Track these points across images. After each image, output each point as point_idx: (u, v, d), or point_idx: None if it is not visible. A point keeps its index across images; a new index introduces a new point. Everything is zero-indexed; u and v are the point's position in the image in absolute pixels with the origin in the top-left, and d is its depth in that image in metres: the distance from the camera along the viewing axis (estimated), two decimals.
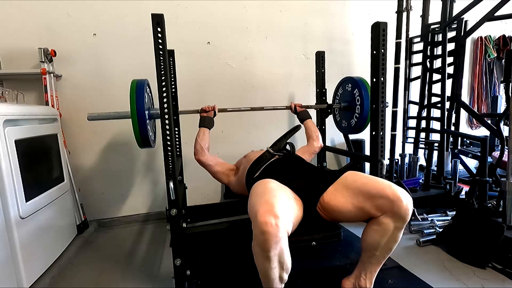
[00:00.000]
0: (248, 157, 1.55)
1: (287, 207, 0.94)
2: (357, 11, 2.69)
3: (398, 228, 0.99)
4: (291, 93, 2.59)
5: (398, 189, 0.97)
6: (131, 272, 1.60)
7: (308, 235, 1.18)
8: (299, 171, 1.23)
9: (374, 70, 1.39)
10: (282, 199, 0.94)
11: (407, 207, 0.95)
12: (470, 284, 1.34)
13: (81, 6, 2.06)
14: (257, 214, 0.85)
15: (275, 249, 0.84)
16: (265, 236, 0.82)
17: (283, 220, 0.85)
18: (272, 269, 0.88)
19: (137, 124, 1.33)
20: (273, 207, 0.86)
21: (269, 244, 0.83)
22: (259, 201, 0.92)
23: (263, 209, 0.85)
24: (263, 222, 0.82)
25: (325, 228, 1.27)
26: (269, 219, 0.82)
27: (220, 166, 1.61)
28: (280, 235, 0.83)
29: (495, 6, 1.86)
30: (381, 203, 0.96)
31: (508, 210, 1.55)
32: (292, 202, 1.03)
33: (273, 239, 0.82)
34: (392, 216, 0.96)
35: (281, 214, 0.85)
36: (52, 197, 1.68)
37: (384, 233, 0.99)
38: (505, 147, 1.78)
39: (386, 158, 2.21)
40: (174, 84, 1.88)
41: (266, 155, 1.37)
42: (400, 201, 0.94)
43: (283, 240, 0.86)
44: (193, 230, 1.35)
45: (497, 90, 3.28)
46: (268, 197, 0.92)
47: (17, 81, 1.98)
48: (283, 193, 1.00)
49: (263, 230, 0.82)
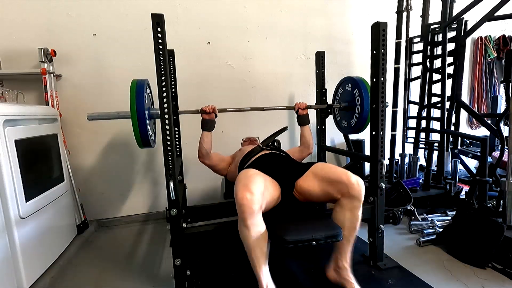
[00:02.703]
0: (242, 150, 1.77)
1: (261, 188, 1.14)
2: (357, 11, 2.69)
3: (356, 207, 1.21)
4: (291, 93, 2.59)
5: (352, 175, 1.20)
6: (131, 272, 1.60)
7: (308, 235, 1.18)
8: (280, 163, 1.45)
9: (374, 70, 1.39)
10: (257, 182, 1.14)
11: (359, 188, 1.18)
12: (470, 284, 1.34)
13: (81, 6, 2.06)
14: (237, 193, 1.08)
15: (251, 218, 1.07)
16: (242, 207, 1.05)
17: (257, 196, 1.07)
18: (251, 237, 1.08)
19: (137, 124, 1.32)
20: (249, 187, 1.08)
21: (246, 215, 1.06)
22: (239, 184, 1.13)
23: (241, 189, 1.09)
24: (240, 197, 1.06)
25: (325, 228, 1.27)
26: (245, 194, 1.06)
27: (223, 162, 1.77)
28: (254, 207, 1.05)
29: (495, 6, 1.86)
30: (340, 187, 1.20)
31: (508, 210, 1.55)
32: (268, 184, 1.24)
33: (248, 210, 1.05)
34: (348, 197, 1.19)
35: (255, 191, 1.07)
36: (52, 197, 1.68)
37: (346, 213, 1.21)
38: (505, 147, 1.78)
39: (386, 158, 2.21)
40: (174, 84, 1.87)
41: (256, 149, 1.60)
42: (353, 184, 1.17)
43: (258, 213, 1.09)
44: (193, 230, 1.35)
45: (497, 90, 3.28)
46: (246, 181, 1.14)
47: (17, 81, 1.98)
48: (260, 178, 1.20)
49: (240, 203, 1.05)
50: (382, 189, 1.44)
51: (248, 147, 1.72)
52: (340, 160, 2.84)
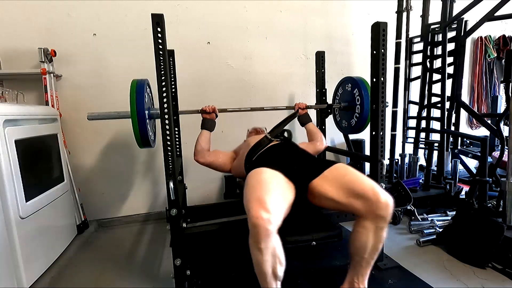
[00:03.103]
0: (247, 141, 1.60)
1: (278, 199, 0.99)
2: (357, 11, 2.69)
3: (382, 228, 1.03)
4: (291, 93, 2.59)
5: (380, 191, 1.01)
6: (131, 272, 1.59)
7: (308, 235, 1.18)
8: (293, 157, 1.28)
9: (374, 70, 1.39)
10: (274, 193, 0.99)
11: (388, 208, 1.00)
12: (470, 284, 1.34)
13: (81, 6, 2.06)
14: (251, 209, 0.92)
15: (266, 241, 0.90)
16: (257, 229, 0.89)
17: (274, 215, 0.91)
18: (265, 262, 0.93)
19: (137, 124, 1.33)
20: (264, 203, 0.92)
21: (260, 236, 0.89)
22: (252, 196, 0.97)
23: (255, 205, 0.92)
24: (255, 216, 0.89)
25: (325, 228, 1.27)
26: (261, 213, 0.89)
27: (221, 158, 1.65)
28: (271, 228, 0.89)
29: (495, 6, 1.86)
30: (363, 202, 1.02)
31: (508, 210, 1.55)
32: (284, 190, 1.09)
33: (264, 232, 0.88)
34: (374, 217, 1.01)
35: (272, 208, 0.91)
36: (52, 197, 1.68)
37: (369, 235, 1.03)
38: (505, 147, 1.78)
39: (386, 158, 2.21)
40: (174, 84, 1.88)
41: (264, 140, 1.45)
42: (381, 203, 0.99)
43: (273, 234, 0.92)
44: (193, 230, 1.35)
45: (497, 90, 3.28)
46: (260, 192, 0.98)
47: (17, 81, 1.98)
48: (276, 184, 1.06)
49: (255, 223, 0.89)
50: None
51: (254, 137, 1.57)
52: (340, 160, 2.84)
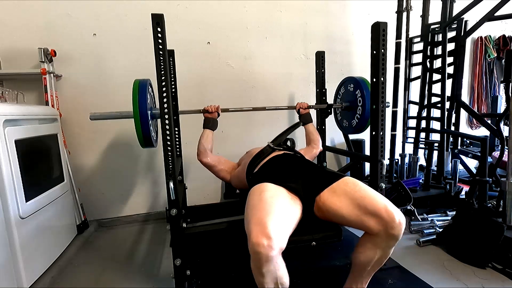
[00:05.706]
0: (249, 152, 1.59)
1: (282, 220, 0.95)
2: (357, 11, 2.69)
3: (391, 246, 1.03)
4: (291, 93, 2.59)
5: (393, 210, 1.00)
6: (131, 272, 1.60)
7: (308, 235, 1.18)
8: (298, 169, 1.23)
9: (374, 70, 1.39)
10: (276, 213, 0.94)
11: (400, 228, 0.98)
12: (470, 284, 1.34)
13: (81, 6, 2.06)
14: (251, 235, 0.87)
15: (267, 266, 0.87)
16: (258, 255, 0.85)
17: (276, 240, 0.86)
18: (267, 284, 0.90)
19: (140, 124, 1.33)
20: (265, 228, 0.87)
21: (261, 262, 0.86)
22: (253, 218, 0.93)
23: (256, 230, 0.88)
24: (255, 243, 0.85)
25: (325, 228, 1.27)
26: (261, 240, 0.84)
27: (223, 165, 1.65)
28: (272, 254, 0.85)
29: (495, 6, 1.86)
30: (376, 221, 0.99)
31: (508, 210, 1.55)
32: (289, 208, 1.04)
33: (265, 258, 0.85)
34: (385, 236, 0.99)
35: (274, 233, 0.86)
36: (52, 197, 1.68)
37: (377, 251, 1.03)
38: (505, 147, 1.78)
39: (386, 158, 2.21)
40: (174, 84, 1.87)
41: (266, 149, 1.43)
42: (394, 222, 0.97)
43: (275, 259, 0.88)
44: (193, 230, 1.35)
45: (497, 90, 3.28)
46: (262, 213, 0.93)
47: (17, 81, 1.98)
48: (279, 203, 1.01)
49: (256, 251, 0.85)
50: (382, 189, 1.44)
51: (256, 148, 1.55)
52: (340, 160, 2.84)
